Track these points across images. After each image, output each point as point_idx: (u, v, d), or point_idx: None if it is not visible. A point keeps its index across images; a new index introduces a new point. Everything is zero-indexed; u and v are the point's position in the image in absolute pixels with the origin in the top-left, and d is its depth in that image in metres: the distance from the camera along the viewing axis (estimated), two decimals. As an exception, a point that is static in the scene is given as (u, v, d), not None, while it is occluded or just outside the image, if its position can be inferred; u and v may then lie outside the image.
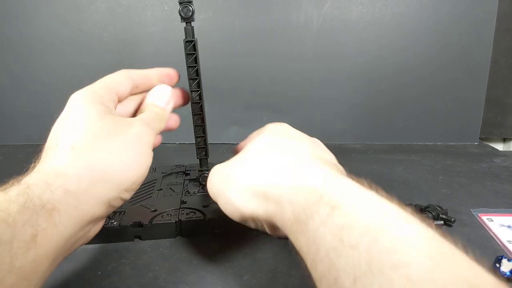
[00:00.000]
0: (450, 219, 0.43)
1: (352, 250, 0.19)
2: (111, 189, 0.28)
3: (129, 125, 0.31)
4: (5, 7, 0.70)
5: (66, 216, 0.25)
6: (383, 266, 0.18)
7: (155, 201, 0.45)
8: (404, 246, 0.18)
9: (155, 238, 0.40)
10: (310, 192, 0.24)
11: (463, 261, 0.18)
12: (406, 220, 0.20)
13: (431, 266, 0.17)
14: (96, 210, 0.27)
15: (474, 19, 0.72)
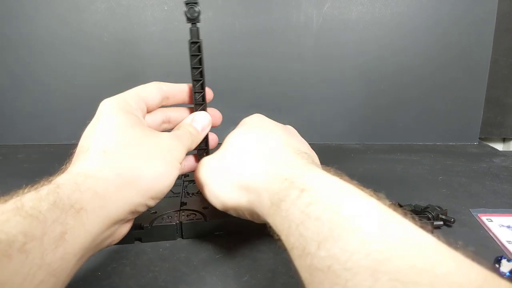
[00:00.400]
0: (450, 220, 0.43)
1: (317, 221, 0.22)
2: (138, 195, 0.29)
3: (159, 137, 0.33)
4: (5, 7, 0.70)
5: (93, 216, 0.26)
6: (342, 231, 0.21)
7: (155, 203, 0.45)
8: (359, 215, 0.21)
9: (156, 240, 0.40)
10: (282, 180, 0.27)
11: (408, 226, 0.21)
12: (362, 196, 0.23)
13: (382, 228, 0.20)
14: (121, 213, 0.28)
15: (474, 19, 0.72)
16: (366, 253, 0.19)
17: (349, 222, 0.21)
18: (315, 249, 0.21)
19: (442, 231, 0.43)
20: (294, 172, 0.27)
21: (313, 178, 0.26)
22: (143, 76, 0.73)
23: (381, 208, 0.22)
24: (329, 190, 0.24)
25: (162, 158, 0.31)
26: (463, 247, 0.22)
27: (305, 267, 0.22)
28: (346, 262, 0.19)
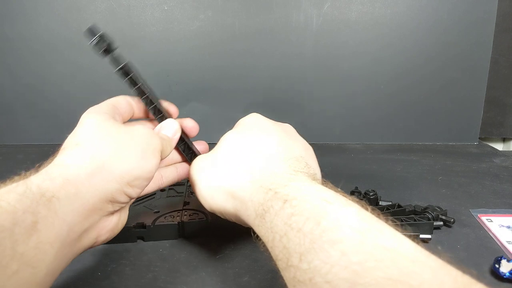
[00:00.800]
0: (450, 220, 0.43)
1: (299, 233, 0.22)
2: (113, 181, 0.29)
3: (135, 128, 0.33)
4: (5, 7, 0.70)
5: (66, 204, 0.26)
6: (323, 243, 0.21)
7: (158, 202, 0.45)
8: (340, 226, 0.21)
9: (158, 240, 0.41)
10: (266, 190, 0.27)
11: (389, 234, 0.21)
12: (344, 205, 0.23)
13: (361, 240, 0.20)
14: (97, 201, 0.28)
15: (474, 19, 0.72)
16: (346, 266, 0.19)
17: (329, 233, 0.21)
18: (297, 262, 0.21)
19: (442, 232, 0.43)
20: (279, 182, 0.27)
21: (296, 188, 0.26)
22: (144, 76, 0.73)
23: (361, 217, 0.22)
24: (310, 200, 0.24)
25: (137, 145, 0.31)
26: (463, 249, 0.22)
27: (289, 279, 0.22)
28: (326, 274, 0.20)
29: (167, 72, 0.74)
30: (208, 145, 0.46)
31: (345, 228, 0.21)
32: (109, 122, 0.32)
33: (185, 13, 0.72)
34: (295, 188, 0.26)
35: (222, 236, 0.41)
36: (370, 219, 0.22)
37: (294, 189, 0.26)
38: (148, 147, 0.32)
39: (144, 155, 0.31)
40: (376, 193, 0.47)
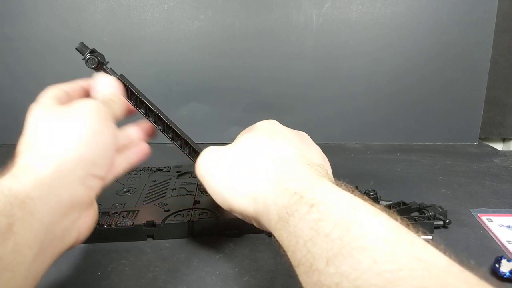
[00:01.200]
0: (445, 221, 0.43)
1: (326, 238, 0.22)
2: (77, 167, 0.28)
3: (74, 106, 0.31)
4: (5, 7, 0.70)
5: (41, 204, 0.25)
6: (352, 250, 0.20)
7: (169, 201, 0.45)
8: (370, 234, 0.21)
9: (168, 238, 0.41)
10: (291, 194, 0.26)
11: (420, 245, 0.21)
12: (373, 214, 0.23)
13: (392, 249, 0.20)
14: (73, 192, 0.28)
15: (474, 19, 0.72)
16: (377, 273, 0.19)
17: (359, 240, 0.21)
18: (323, 266, 0.21)
19: (443, 231, 0.43)
20: (304, 186, 0.26)
21: (323, 193, 0.25)
22: (143, 76, 0.73)
23: (391, 227, 0.22)
24: (339, 206, 0.24)
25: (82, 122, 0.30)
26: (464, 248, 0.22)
27: (311, 284, 0.22)
28: (355, 280, 0.19)
29: (167, 72, 0.74)
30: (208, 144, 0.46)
31: (375, 237, 0.21)
32: (49, 111, 0.31)
33: (185, 13, 0.72)
34: (322, 193, 0.25)
35: (222, 236, 0.41)
36: (400, 229, 0.22)
37: (320, 194, 0.25)
38: (95, 118, 0.31)
39: (95, 130, 0.30)
40: (376, 193, 0.47)
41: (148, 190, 0.48)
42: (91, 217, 0.31)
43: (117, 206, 0.44)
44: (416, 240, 0.21)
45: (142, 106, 0.38)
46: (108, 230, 0.40)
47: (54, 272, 0.35)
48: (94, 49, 0.35)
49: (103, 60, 0.36)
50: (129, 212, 0.42)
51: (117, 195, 0.47)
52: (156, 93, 0.73)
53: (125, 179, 0.52)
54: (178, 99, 0.74)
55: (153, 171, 0.55)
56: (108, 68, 0.37)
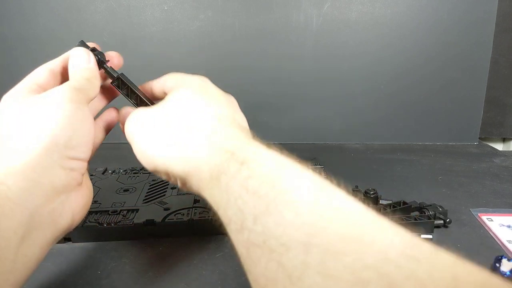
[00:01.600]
0: (446, 220, 0.43)
1: (254, 195, 0.22)
2: (51, 153, 0.27)
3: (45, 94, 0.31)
4: (5, 7, 0.70)
5: (18, 190, 0.25)
6: (277, 205, 0.21)
7: (169, 200, 0.45)
8: (294, 188, 0.22)
9: (168, 237, 0.41)
10: (224, 152, 0.26)
11: (341, 196, 0.22)
12: (300, 170, 0.24)
13: (314, 200, 0.21)
14: (52, 176, 0.27)
15: (474, 19, 0.72)
16: (299, 226, 0.20)
17: (284, 195, 0.22)
18: (251, 224, 0.22)
19: (443, 231, 0.43)
20: (236, 145, 0.27)
21: (253, 152, 0.26)
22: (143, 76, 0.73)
23: (315, 181, 0.23)
24: (267, 164, 0.24)
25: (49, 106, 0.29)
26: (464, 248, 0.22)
27: (242, 242, 0.22)
28: (280, 236, 0.20)
29: (167, 72, 0.74)
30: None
31: (299, 191, 0.22)
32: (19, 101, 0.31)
33: (185, 13, 0.72)
34: (252, 152, 0.26)
35: (222, 235, 0.41)
36: (323, 183, 0.23)
37: (251, 153, 0.25)
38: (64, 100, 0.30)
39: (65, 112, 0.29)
40: (376, 192, 0.47)
41: (148, 189, 0.48)
42: (84, 196, 0.30)
43: (117, 205, 0.44)
44: (336, 192, 0.22)
45: (142, 105, 0.38)
46: (108, 229, 0.40)
47: (55, 271, 0.35)
48: (94, 47, 0.35)
49: (103, 59, 0.36)
50: (129, 211, 0.42)
51: (117, 194, 0.47)
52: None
53: (125, 178, 0.52)
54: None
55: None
56: (108, 67, 0.37)
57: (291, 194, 0.22)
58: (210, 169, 0.26)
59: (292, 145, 0.78)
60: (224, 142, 0.27)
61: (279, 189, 0.22)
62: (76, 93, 0.31)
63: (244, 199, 0.23)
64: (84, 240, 0.40)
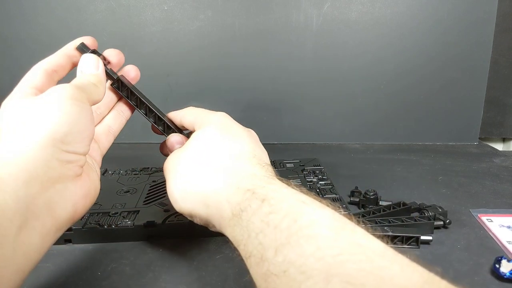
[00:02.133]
0: (445, 221, 0.43)
1: (275, 229, 0.23)
2: (46, 144, 0.28)
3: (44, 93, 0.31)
4: (4, 8, 0.70)
5: (12, 180, 0.25)
6: (298, 238, 0.22)
7: (169, 201, 0.45)
8: (315, 224, 0.23)
9: (168, 238, 0.41)
10: (244, 191, 0.28)
11: (361, 233, 0.23)
12: (319, 207, 0.25)
13: (335, 237, 0.22)
14: (46, 168, 0.27)
15: (474, 19, 0.72)
16: (320, 257, 0.21)
17: (305, 230, 0.23)
18: (272, 255, 0.23)
19: (443, 232, 0.43)
20: (257, 183, 0.28)
21: (274, 189, 0.27)
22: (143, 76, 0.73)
23: (335, 218, 0.24)
24: (288, 200, 0.25)
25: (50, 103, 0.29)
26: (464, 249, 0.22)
27: (260, 274, 0.23)
28: (301, 266, 0.21)
29: (167, 72, 0.74)
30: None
31: (320, 226, 0.23)
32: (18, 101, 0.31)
33: (185, 13, 0.72)
34: (273, 190, 0.27)
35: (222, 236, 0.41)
36: (343, 220, 0.24)
37: (272, 191, 0.27)
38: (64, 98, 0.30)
39: (63, 108, 0.29)
40: (376, 193, 0.47)
41: (149, 190, 0.48)
42: (84, 187, 0.30)
43: (117, 206, 0.44)
44: (357, 229, 0.23)
45: (142, 106, 0.38)
46: (108, 230, 0.40)
47: (55, 272, 0.35)
48: (95, 49, 0.35)
49: (103, 61, 0.36)
50: (130, 213, 0.42)
51: (118, 195, 0.47)
52: (156, 93, 0.73)
53: (125, 179, 0.52)
54: (178, 99, 0.74)
55: (153, 171, 0.55)
56: (108, 69, 0.37)
57: (312, 229, 0.23)
58: (231, 208, 0.28)
59: (292, 145, 0.78)
60: (243, 182, 0.29)
61: (300, 224, 0.23)
62: (78, 91, 0.31)
63: (265, 233, 0.24)
64: (85, 241, 0.40)
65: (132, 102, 0.37)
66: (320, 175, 0.53)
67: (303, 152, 0.72)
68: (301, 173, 0.54)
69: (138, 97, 0.37)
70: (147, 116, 0.38)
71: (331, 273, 0.20)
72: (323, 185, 0.50)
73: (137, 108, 0.38)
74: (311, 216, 0.24)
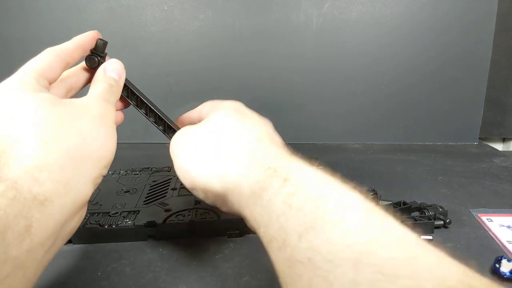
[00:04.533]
0: (446, 220, 0.43)
1: (298, 212, 0.22)
2: (93, 168, 0.28)
3: (88, 107, 0.30)
4: (5, 7, 0.70)
5: (59, 205, 0.25)
6: (324, 223, 0.21)
7: (170, 201, 0.45)
8: (342, 208, 0.22)
9: (169, 238, 0.41)
10: (266, 168, 0.26)
11: (390, 220, 0.21)
12: (345, 190, 0.23)
13: (362, 222, 0.21)
14: (85, 192, 0.28)
15: (474, 19, 0.72)
16: (348, 245, 0.19)
17: (331, 214, 0.21)
18: (295, 241, 0.21)
19: (443, 231, 0.43)
20: (278, 162, 0.26)
21: (297, 169, 0.25)
22: (143, 76, 0.73)
23: (363, 202, 0.22)
24: (312, 181, 0.24)
25: (99, 127, 0.29)
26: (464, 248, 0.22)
27: (283, 259, 0.22)
28: (327, 253, 0.19)
29: (167, 72, 0.74)
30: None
31: (348, 210, 0.21)
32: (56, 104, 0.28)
33: (185, 13, 0.72)
34: (296, 169, 0.25)
35: (222, 236, 0.41)
36: (372, 205, 0.22)
37: (294, 169, 0.25)
38: (109, 123, 0.30)
39: (110, 135, 0.30)
40: (376, 193, 0.47)
41: (149, 190, 0.48)
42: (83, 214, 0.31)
43: (117, 206, 0.44)
44: (386, 215, 0.21)
45: (142, 106, 0.38)
46: (109, 230, 0.40)
47: (55, 272, 0.35)
48: (94, 49, 0.35)
49: (103, 61, 0.36)
50: (130, 213, 0.42)
51: (118, 195, 0.47)
52: (156, 93, 0.73)
53: (125, 179, 0.52)
54: (178, 99, 0.74)
55: (154, 171, 0.55)
56: None
57: (338, 214, 0.21)
58: (250, 184, 0.26)
59: (292, 145, 0.78)
60: (266, 159, 0.27)
61: (325, 208, 0.22)
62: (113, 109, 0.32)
63: (287, 216, 0.22)
64: (85, 242, 0.40)
65: (132, 102, 0.37)
66: None
67: (303, 152, 0.71)
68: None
69: (138, 96, 0.37)
70: (147, 116, 0.38)
71: (361, 262, 0.18)
72: None
73: (137, 108, 0.38)
74: (337, 199, 0.22)
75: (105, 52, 0.37)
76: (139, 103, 0.38)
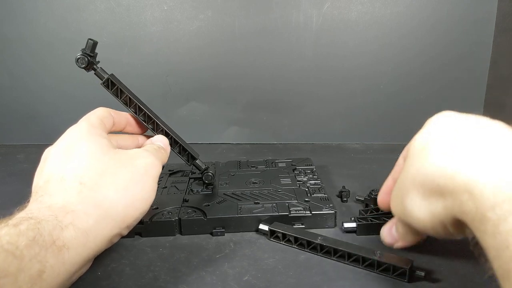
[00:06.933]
0: None
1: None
2: (115, 226, 0.29)
3: (135, 157, 0.32)
4: (5, 7, 0.70)
5: (75, 254, 0.26)
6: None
7: (158, 198, 0.45)
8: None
9: (155, 236, 0.41)
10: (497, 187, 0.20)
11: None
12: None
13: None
14: (100, 247, 0.28)
15: (474, 19, 0.72)
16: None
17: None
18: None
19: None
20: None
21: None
22: (143, 76, 0.73)
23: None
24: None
25: (139, 181, 0.31)
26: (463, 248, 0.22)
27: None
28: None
29: (166, 72, 0.74)
30: (208, 144, 0.46)
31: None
32: (108, 151, 0.31)
33: (185, 13, 0.72)
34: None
35: (222, 235, 0.41)
36: None
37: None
38: (151, 180, 0.32)
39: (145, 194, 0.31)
40: (377, 193, 0.47)
41: None
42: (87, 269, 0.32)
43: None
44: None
45: (131, 105, 0.38)
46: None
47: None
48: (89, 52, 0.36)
49: (93, 60, 0.36)
50: None
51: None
52: (155, 92, 0.73)
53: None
54: (177, 99, 0.74)
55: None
56: (99, 68, 0.37)
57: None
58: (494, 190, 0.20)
59: (292, 145, 0.78)
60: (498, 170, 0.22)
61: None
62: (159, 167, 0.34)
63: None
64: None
65: (121, 101, 0.38)
66: (311, 174, 0.53)
67: (303, 152, 0.71)
68: (292, 172, 0.54)
69: (127, 95, 0.38)
70: (136, 114, 0.39)
71: None
72: (313, 184, 0.50)
73: (127, 107, 0.38)
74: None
75: (95, 52, 0.37)
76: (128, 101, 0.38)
